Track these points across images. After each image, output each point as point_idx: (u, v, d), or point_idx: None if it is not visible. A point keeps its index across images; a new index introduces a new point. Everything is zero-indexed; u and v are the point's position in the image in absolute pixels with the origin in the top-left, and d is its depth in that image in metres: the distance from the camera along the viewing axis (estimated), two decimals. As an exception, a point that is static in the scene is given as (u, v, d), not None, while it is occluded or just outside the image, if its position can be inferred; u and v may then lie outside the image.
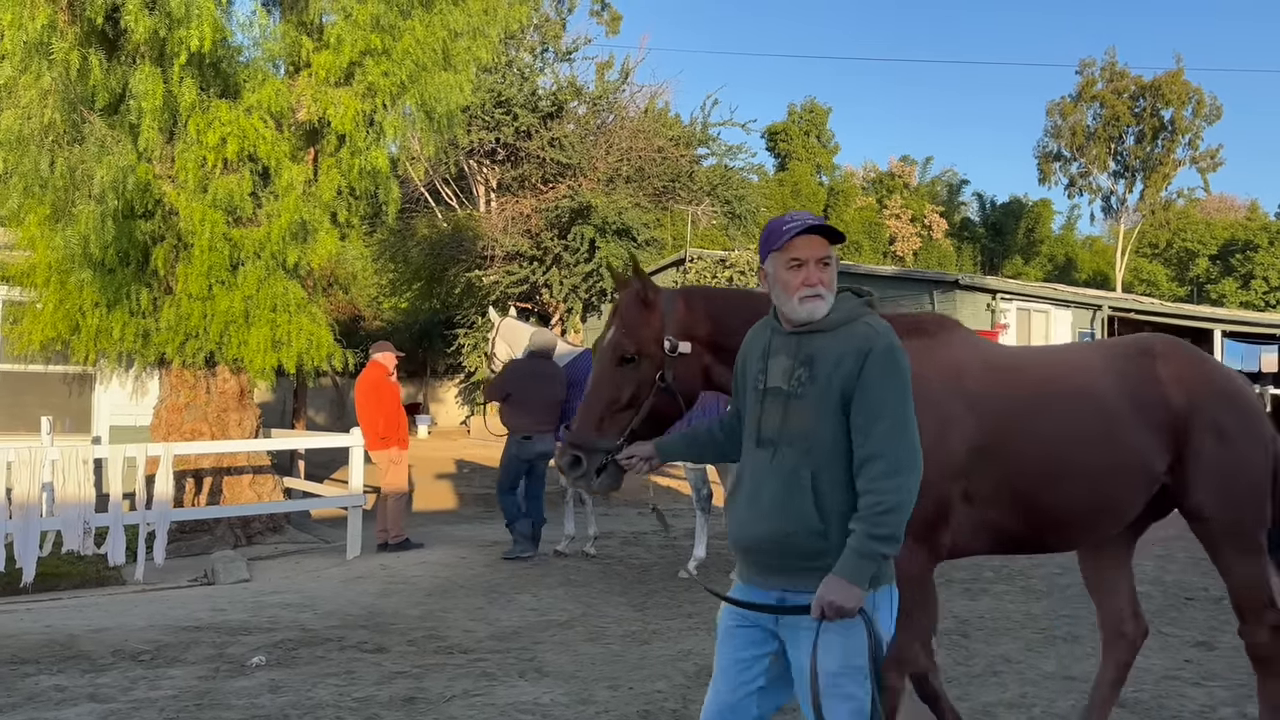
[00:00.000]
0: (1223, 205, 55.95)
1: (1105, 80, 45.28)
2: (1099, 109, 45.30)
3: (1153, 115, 43.96)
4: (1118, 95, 44.60)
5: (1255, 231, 43.55)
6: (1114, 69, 45.19)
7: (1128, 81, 44.68)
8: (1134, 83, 44.56)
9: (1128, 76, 44.80)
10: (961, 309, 19.35)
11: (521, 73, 24.39)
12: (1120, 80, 44.88)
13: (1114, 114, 44.43)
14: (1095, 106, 45.46)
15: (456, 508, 13.44)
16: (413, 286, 27.16)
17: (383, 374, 10.00)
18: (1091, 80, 45.58)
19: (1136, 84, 44.46)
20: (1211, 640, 6.19)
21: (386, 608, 7.11)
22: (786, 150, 52.62)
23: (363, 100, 10.26)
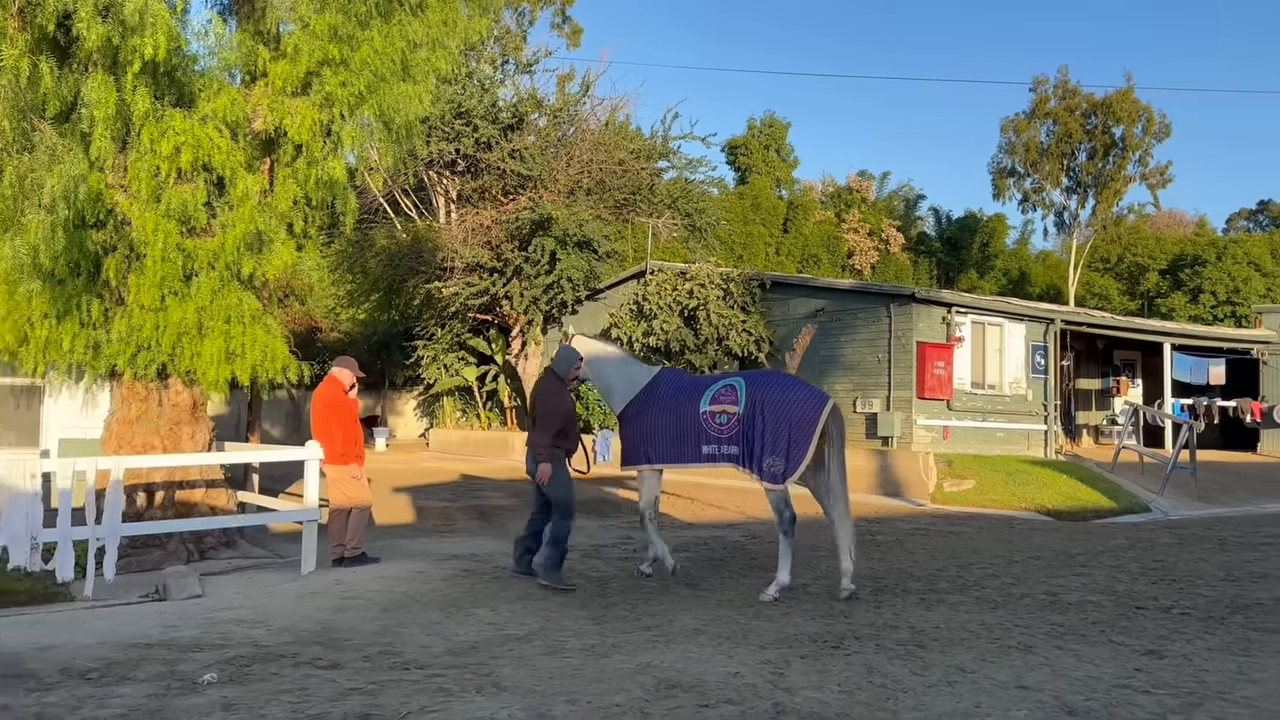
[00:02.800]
0: (1172, 221, 57.16)
1: (1058, 98, 46.11)
2: (1052, 126, 46.09)
3: (1104, 132, 44.82)
4: (1070, 112, 45.42)
5: (1203, 246, 44.53)
6: (1067, 86, 46.04)
7: (1080, 99, 45.52)
8: (1086, 100, 45.42)
9: (1080, 94, 45.66)
10: (918, 322, 19.57)
11: (482, 84, 24.38)
12: (1073, 98, 45.72)
13: (1067, 131, 45.24)
14: (1049, 123, 46.25)
15: (414, 521, 13.33)
16: (371, 298, 26.99)
17: (339, 390, 9.88)
18: (1045, 97, 46.39)
19: (1088, 101, 45.32)
20: (1161, 649, 6.30)
21: (341, 623, 7.02)
22: (746, 164, 52.97)
23: (320, 110, 10.18)
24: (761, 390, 8.14)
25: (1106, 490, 16.94)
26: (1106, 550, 10.77)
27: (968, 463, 17.79)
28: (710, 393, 8.35)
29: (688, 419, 8.32)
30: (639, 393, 8.69)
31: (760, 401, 8.02)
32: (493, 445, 24.22)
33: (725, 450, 8.16)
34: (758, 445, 7.95)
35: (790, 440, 7.88)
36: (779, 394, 8.09)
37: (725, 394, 8.25)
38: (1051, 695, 5.28)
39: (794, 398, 8.05)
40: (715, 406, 8.23)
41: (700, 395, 8.38)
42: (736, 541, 11.28)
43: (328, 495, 9.84)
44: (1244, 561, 9.78)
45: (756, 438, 7.96)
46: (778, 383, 8.31)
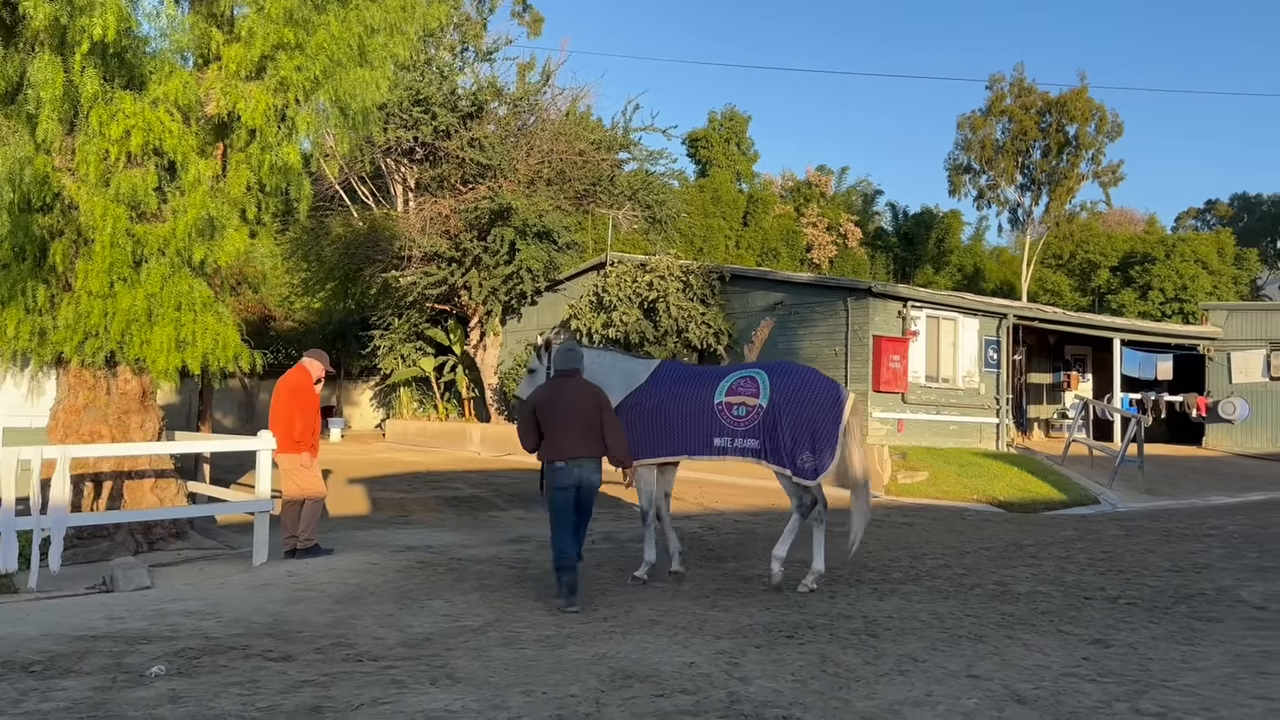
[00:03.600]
0: (1123, 219, 58.20)
1: (1014, 96, 46.67)
2: (1008, 123, 46.65)
3: (1058, 130, 45.45)
4: (1025, 110, 46.00)
5: (1153, 244, 45.35)
6: (1022, 85, 46.61)
7: (1035, 97, 46.11)
8: (1041, 98, 46.01)
9: (1035, 92, 46.25)
10: (874, 316, 19.74)
11: (441, 71, 24.17)
12: (1028, 96, 46.30)
13: (1021, 129, 45.82)
14: (1004, 121, 46.81)
15: (369, 513, 13.21)
16: (326, 286, 26.69)
17: (307, 379, 9.82)
18: (1001, 95, 46.94)
19: (1043, 100, 45.92)
20: (1108, 638, 6.42)
21: (293, 615, 6.95)
22: (707, 157, 53.03)
23: (274, 95, 10.02)
24: (786, 383, 7.94)
25: (1056, 483, 17.22)
26: (1056, 541, 10.95)
27: (921, 455, 17.99)
28: (726, 383, 8.09)
29: (699, 410, 8.04)
30: (638, 386, 8.32)
31: (786, 394, 7.86)
32: (450, 436, 24.07)
33: (740, 444, 7.91)
34: (787, 440, 7.78)
35: (817, 434, 7.79)
36: (803, 387, 7.95)
37: (744, 385, 8.02)
38: (1001, 684, 5.36)
39: (819, 391, 7.96)
40: (733, 398, 7.97)
41: (714, 386, 8.12)
42: (694, 533, 11.31)
43: (281, 486, 9.73)
44: (1188, 553, 9.99)
45: (785, 432, 7.79)
46: (800, 375, 8.13)
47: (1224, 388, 25.54)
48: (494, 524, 12.36)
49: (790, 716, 4.78)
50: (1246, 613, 7.16)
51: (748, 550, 10.20)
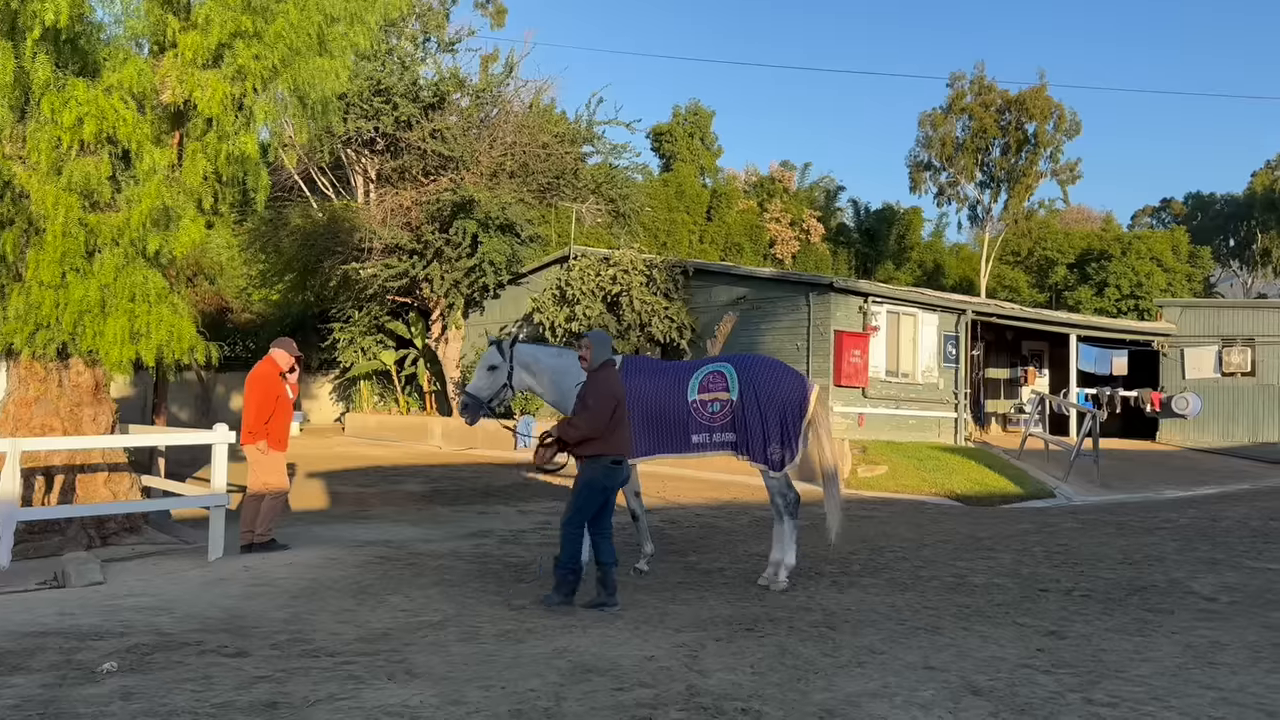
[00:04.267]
0: (1080, 216, 58.97)
1: (974, 93, 47.09)
2: (968, 121, 47.07)
3: (1017, 129, 45.94)
4: (985, 108, 46.44)
5: (1109, 242, 46.00)
6: (982, 83, 47.05)
7: (995, 95, 46.56)
8: (1001, 96, 46.47)
9: (995, 90, 46.69)
10: (835, 311, 19.86)
11: (402, 62, 23.96)
12: (988, 94, 46.74)
13: (981, 126, 46.26)
14: (964, 119, 47.22)
15: (327, 507, 13.09)
16: (284, 278, 26.39)
17: (274, 370, 9.71)
18: (961, 93, 47.36)
19: (1003, 98, 46.38)
20: (1062, 630, 6.51)
21: (249, 610, 6.87)
22: (671, 151, 53.01)
23: (232, 83, 9.87)
24: (752, 376, 8.04)
25: (1013, 476, 17.44)
26: (1012, 534, 11.09)
27: (881, 449, 18.14)
28: (696, 380, 8.10)
29: (674, 409, 8.02)
30: None
31: (755, 388, 7.97)
32: (411, 430, 23.91)
33: (718, 438, 8.00)
34: (758, 432, 7.91)
35: (785, 426, 7.92)
36: (769, 379, 8.05)
37: (714, 381, 8.06)
38: (957, 675, 5.42)
39: (785, 382, 8.06)
40: (705, 395, 8.01)
41: (684, 383, 8.11)
42: (655, 527, 11.31)
43: (247, 479, 9.65)
44: (1141, 545, 10.16)
45: (756, 425, 7.91)
46: (765, 368, 8.22)
47: (1177, 383, 26.01)
48: (455, 519, 12.30)
49: (749, 709, 4.80)
50: (1197, 604, 7.29)
51: (709, 544, 10.23)
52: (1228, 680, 5.36)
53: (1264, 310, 26.66)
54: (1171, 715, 4.76)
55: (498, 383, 8.19)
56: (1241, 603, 7.32)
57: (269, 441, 9.59)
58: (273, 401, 9.64)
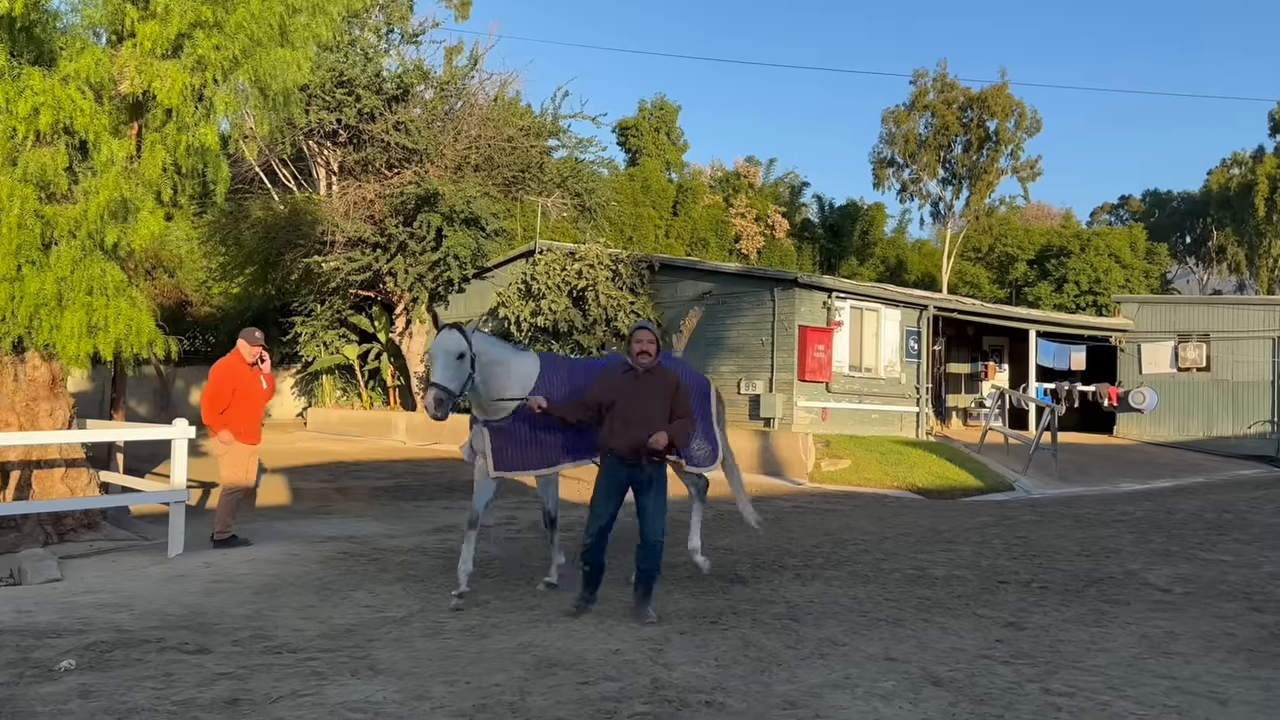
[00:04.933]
0: (1040, 213, 59.73)
1: (937, 91, 47.53)
2: (930, 118, 47.52)
3: (979, 126, 46.45)
4: (948, 106, 46.90)
5: (1069, 238, 46.62)
6: (945, 80, 47.50)
7: (957, 93, 47.03)
8: (963, 94, 46.95)
9: (957, 88, 47.16)
10: (800, 306, 19.97)
11: (365, 53, 23.72)
12: (950, 91, 47.20)
13: (944, 123, 46.71)
14: (927, 116, 47.66)
15: (289, 503, 12.97)
16: (245, 271, 26.05)
17: (236, 361, 9.66)
18: (924, 90, 47.78)
19: (965, 95, 46.86)
20: (1020, 621, 6.62)
21: (210, 607, 6.80)
22: (637, 146, 53.00)
23: (192, 74, 9.72)
24: None
25: (974, 470, 17.66)
26: (972, 527, 11.24)
27: (844, 443, 18.28)
28: None
29: None
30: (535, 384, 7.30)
31: None
32: (374, 425, 23.75)
33: None
34: None
35: (701, 423, 7.85)
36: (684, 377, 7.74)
37: None
38: (918, 666, 5.49)
39: (694, 381, 8.01)
40: None
41: None
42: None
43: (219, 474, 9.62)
44: (1098, 538, 10.34)
45: None
46: (677, 366, 7.92)
47: (1134, 378, 26.44)
48: (419, 514, 12.24)
49: (713, 701, 4.84)
50: (1153, 595, 7.44)
51: (672, 538, 10.24)
52: (1181, 669, 5.47)
53: (1219, 306, 27.17)
54: (1127, 705, 4.86)
55: (464, 373, 7.22)
56: (1195, 594, 7.48)
57: (234, 433, 9.52)
58: (228, 393, 9.55)
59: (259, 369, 9.83)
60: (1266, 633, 6.27)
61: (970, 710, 4.76)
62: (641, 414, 6.56)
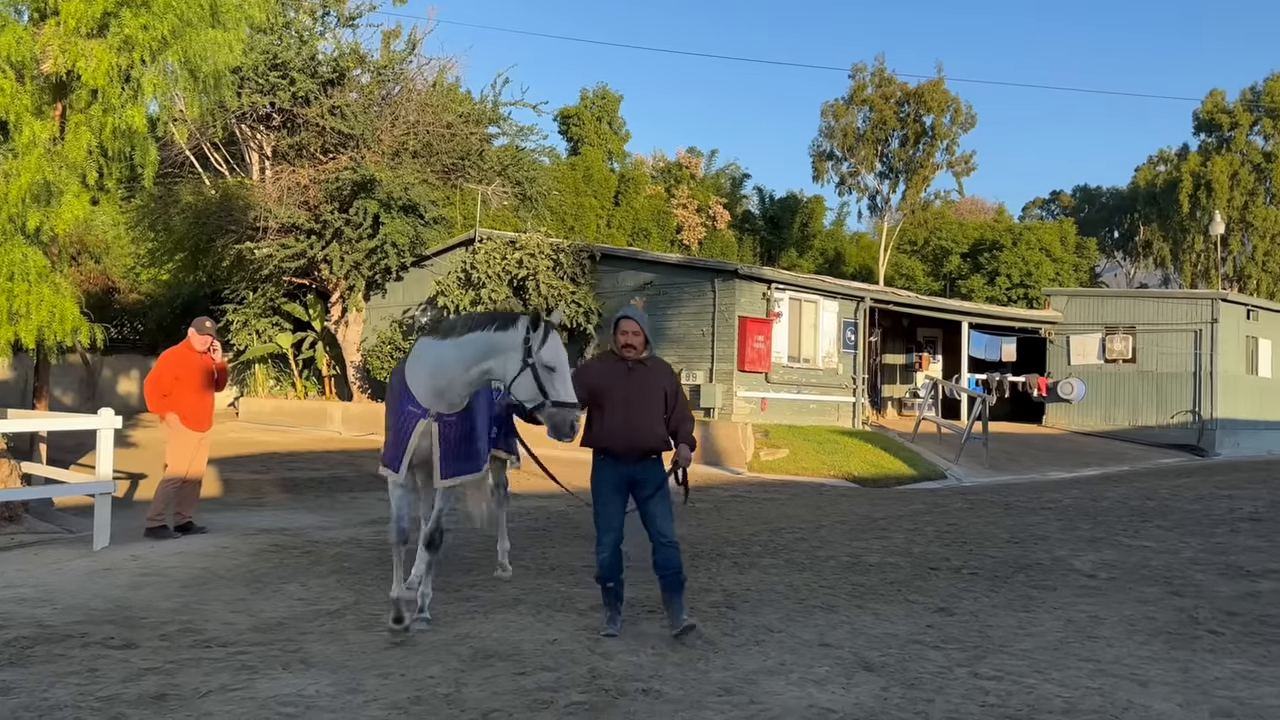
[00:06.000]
0: (974, 207, 60.82)
1: (875, 85, 48.08)
2: (869, 112, 48.07)
3: (916, 121, 47.11)
4: (886, 100, 47.47)
5: (1001, 232, 47.58)
6: (883, 75, 48.07)
7: (895, 88, 47.63)
8: (900, 89, 47.57)
9: (895, 83, 47.76)
10: (740, 297, 20.09)
11: (300, 36, 23.25)
12: (888, 86, 47.78)
13: (881, 118, 47.28)
14: (865, 110, 48.20)
15: (220, 495, 12.72)
16: (175, 257, 25.43)
17: (185, 349, 9.54)
18: (863, 85, 48.31)
19: (902, 90, 47.48)
20: (951, 607, 6.75)
21: (137, 601, 6.64)
22: (579, 135, 52.75)
23: (118, 54, 9.47)
24: None
25: (907, 459, 17.96)
26: (905, 515, 11.43)
27: (783, 433, 18.47)
28: None
29: None
30: None
31: None
32: (310, 415, 23.38)
33: None
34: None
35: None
36: None
37: None
38: (851, 652, 5.57)
39: None
40: None
41: None
42: (560, 511, 11.33)
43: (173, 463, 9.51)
44: (1027, 525, 10.58)
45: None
46: None
47: (1063, 369, 27.09)
48: (353, 505, 12.09)
49: (650, 689, 4.86)
50: (1079, 581, 7.64)
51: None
52: (1104, 653, 5.63)
53: (1145, 300, 27.94)
54: (1052, 688, 4.98)
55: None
56: (1119, 579, 7.69)
57: (181, 418, 9.37)
58: (169, 378, 9.40)
59: (209, 357, 9.66)
60: (1185, 616, 6.48)
61: (901, 694, 4.84)
62: (641, 410, 5.92)
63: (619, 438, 5.90)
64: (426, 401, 5.86)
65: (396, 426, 5.95)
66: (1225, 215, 44.38)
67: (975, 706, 4.68)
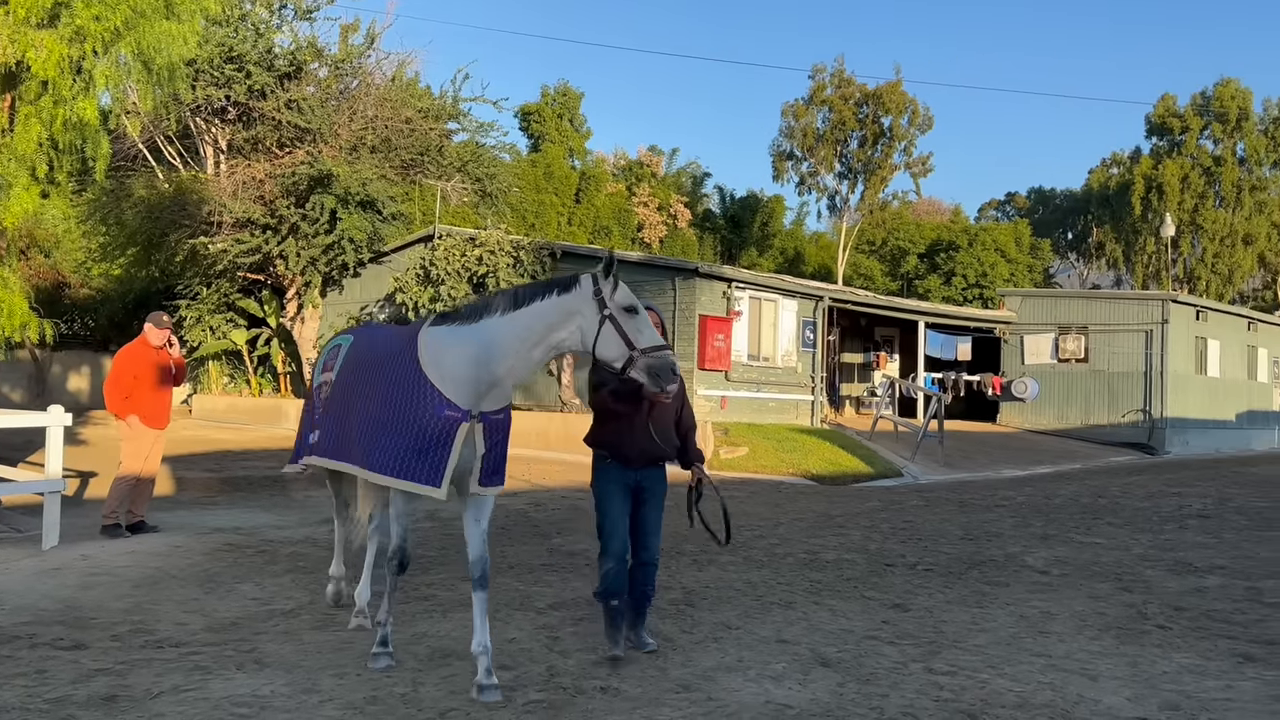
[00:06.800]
0: (931, 208, 61.49)
1: (834, 86, 48.40)
2: (828, 113, 48.39)
3: (874, 122, 47.50)
4: (845, 101, 47.82)
5: (957, 233, 48.19)
6: (842, 76, 48.40)
7: (854, 89, 47.98)
8: (859, 90, 47.93)
9: (854, 84, 48.11)
10: (700, 296, 20.16)
11: (256, 28, 22.93)
12: (847, 87, 48.12)
13: (841, 119, 47.63)
14: (825, 110, 48.51)
15: (173, 494, 12.53)
16: (127, 252, 24.97)
17: (141, 346, 9.39)
18: (822, 85, 48.62)
19: (861, 91, 47.85)
20: (906, 603, 6.83)
21: (87, 601, 6.52)
22: (540, 132, 52.53)
23: (70, 45, 9.30)
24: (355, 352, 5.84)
25: (865, 457, 18.13)
26: (862, 512, 11.54)
27: (742, 431, 18.55)
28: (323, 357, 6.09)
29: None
30: None
31: None
32: (264, 413, 23.10)
33: None
34: None
35: None
36: None
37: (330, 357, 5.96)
38: (808, 648, 5.62)
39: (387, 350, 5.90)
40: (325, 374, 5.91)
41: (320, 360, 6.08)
42: (519, 510, 11.30)
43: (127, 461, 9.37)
44: (981, 522, 10.73)
45: None
46: None
47: (1017, 368, 27.48)
48: (309, 504, 11.96)
49: (608, 687, 4.86)
50: (1031, 577, 7.76)
51: (573, 526, 10.27)
52: (1056, 647, 5.73)
53: (1097, 300, 28.42)
54: (1005, 682, 5.06)
55: None
56: (1070, 575, 7.83)
57: (140, 417, 9.22)
58: (129, 379, 9.25)
59: (166, 353, 9.50)
60: (1134, 611, 6.61)
61: (857, 690, 4.89)
62: (659, 413, 5.50)
63: (635, 441, 5.44)
64: (467, 400, 4.89)
65: (419, 432, 4.87)
66: (1176, 218, 45.26)
67: (929, 701, 4.74)
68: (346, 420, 5.39)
